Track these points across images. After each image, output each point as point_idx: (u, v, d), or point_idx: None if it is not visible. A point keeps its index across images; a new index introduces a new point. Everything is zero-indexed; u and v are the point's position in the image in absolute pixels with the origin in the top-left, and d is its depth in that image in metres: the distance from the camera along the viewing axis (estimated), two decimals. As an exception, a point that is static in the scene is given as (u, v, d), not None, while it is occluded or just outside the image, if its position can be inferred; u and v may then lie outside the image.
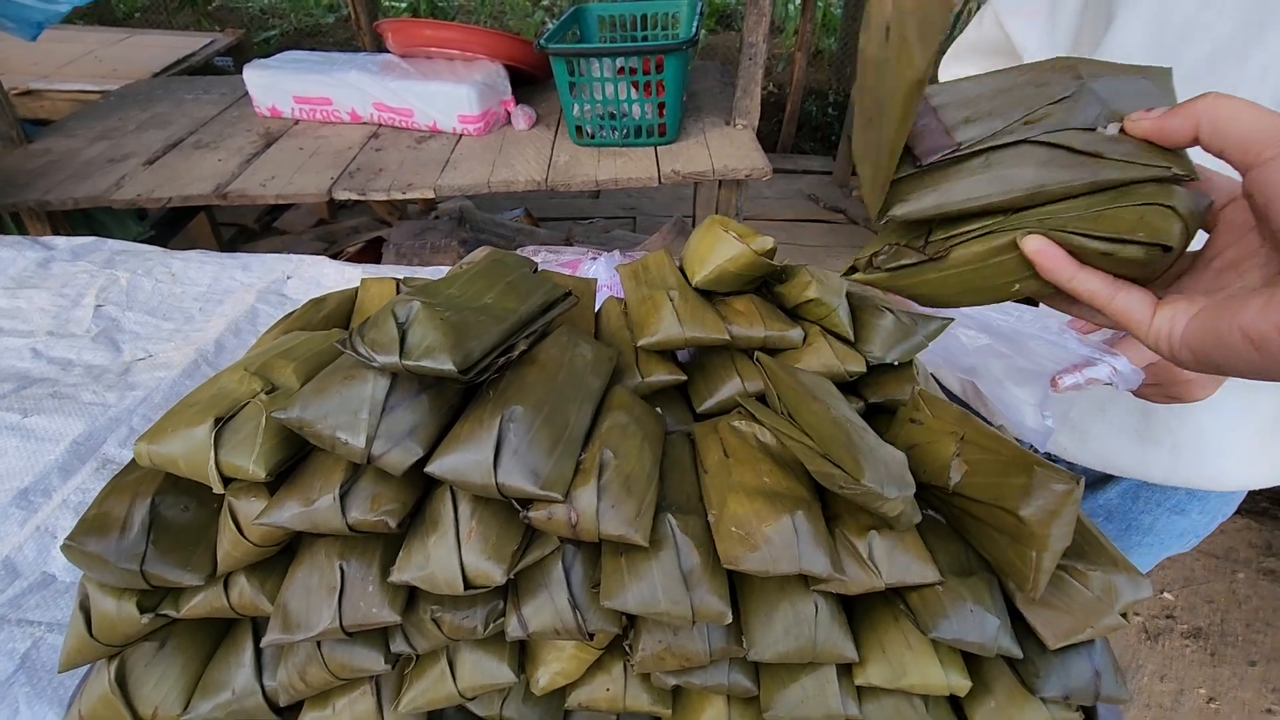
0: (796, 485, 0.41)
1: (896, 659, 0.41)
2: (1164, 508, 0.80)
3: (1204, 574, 2.06)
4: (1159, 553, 0.86)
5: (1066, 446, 0.76)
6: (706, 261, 0.54)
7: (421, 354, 0.35)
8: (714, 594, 0.37)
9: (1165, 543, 0.84)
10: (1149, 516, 0.81)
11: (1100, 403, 0.72)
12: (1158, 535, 0.83)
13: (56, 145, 1.93)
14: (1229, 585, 2.03)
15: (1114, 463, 0.74)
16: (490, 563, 0.36)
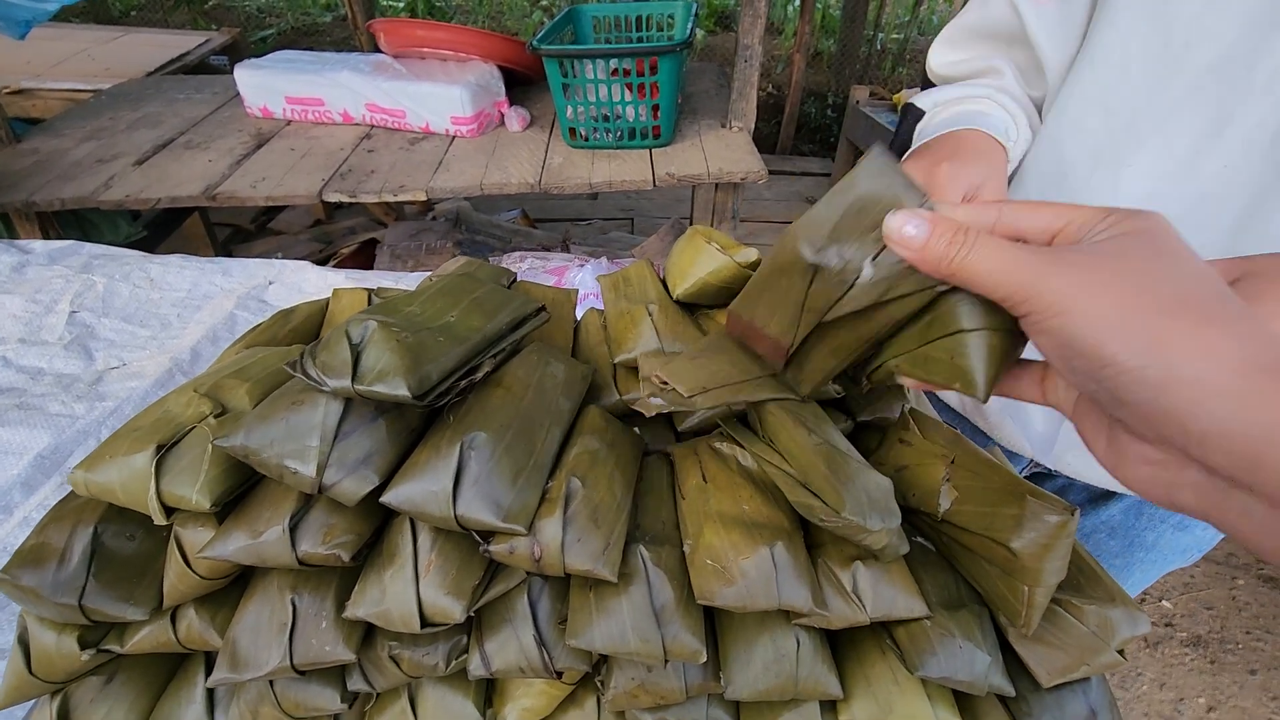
0: (777, 513, 0.39)
1: (884, 695, 0.39)
2: (1167, 524, 0.78)
3: (1204, 580, 2.04)
4: (1162, 568, 0.84)
5: (1070, 462, 0.74)
6: (688, 274, 0.52)
7: (374, 378, 0.32)
8: (688, 631, 0.35)
9: (1168, 558, 0.82)
10: (1152, 533, 0.79)
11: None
12: (1161, 551, 0.81)
13: (45, 145, 1.91)
14: (1229, 592, 2.01)
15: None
16: (449, 598, 0.34)
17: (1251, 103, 0.53)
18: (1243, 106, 0.53)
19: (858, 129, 3.35)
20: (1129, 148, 0.60)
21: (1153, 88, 0.57)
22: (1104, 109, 0.60)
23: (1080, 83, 0.62)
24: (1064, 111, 0.64)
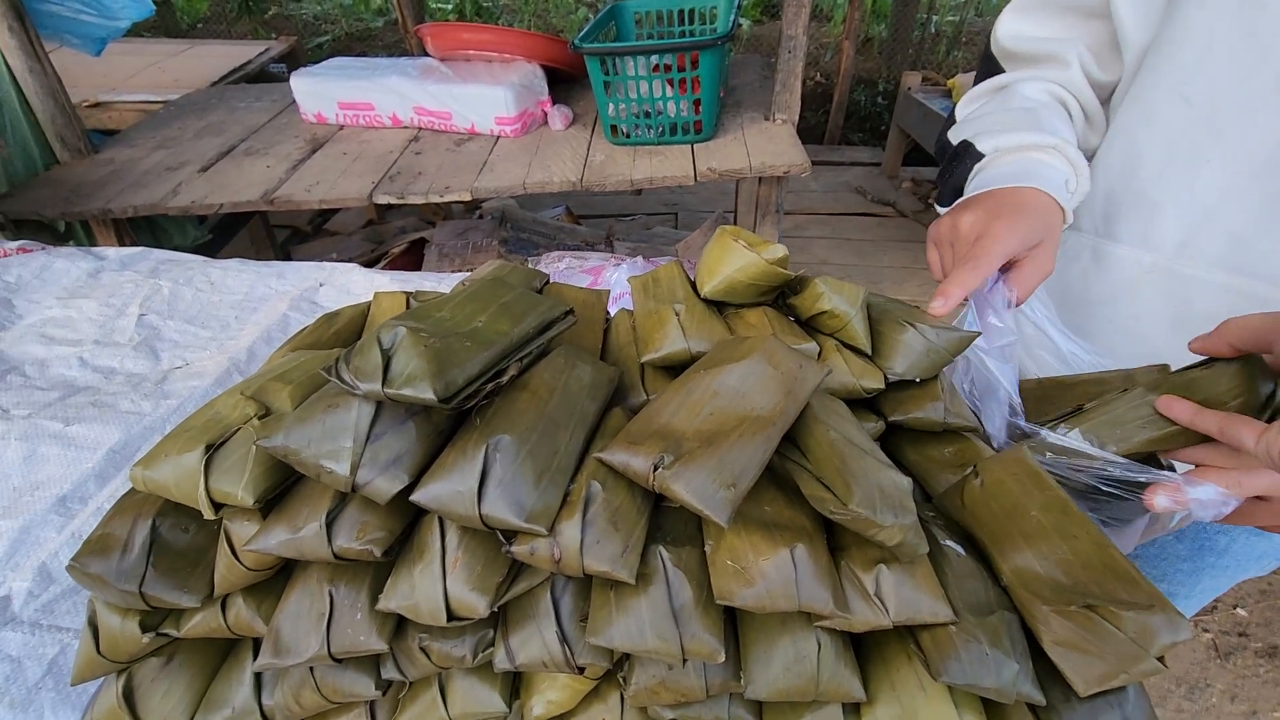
0: (798, 515, 0.39)
1: (908, 700, 0.39)
2: (1240, 527, 0.74)
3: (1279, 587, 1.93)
4: (1235, 575, 0.80)
5: None
6: (716, 272, 0.52)
7: (403, 382, 0.34)
8: (707, 631, 0.36)
9: (1242, 565, 0.78)
10: (1225, 537, 0.75)
11: None
12: (1234, 557, 0.77)
13: (119, 155, 2.02)
14: (1308, 600, 1.89)
15: None
16: (475, 594, 0.35)
17: None
18: None
19: (910, 116, 3.26)
20: (1207, 142, 0.56)
21: (1237, 77, 0.54)
22: (1183, 99, 0.57)
23: (1158, 69, 0.59)
24: (1138, 100, 0.61)
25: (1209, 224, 0.58)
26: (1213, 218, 0.58)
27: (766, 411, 0.39)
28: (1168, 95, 0.58)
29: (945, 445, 0.52)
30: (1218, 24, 0.53)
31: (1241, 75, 0.53)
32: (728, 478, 0.36)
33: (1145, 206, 0.61)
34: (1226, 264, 0.58)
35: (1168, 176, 0.59)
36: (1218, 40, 0.53)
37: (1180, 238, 0.60)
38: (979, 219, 0.56)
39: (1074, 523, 0.42)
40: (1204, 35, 0.54)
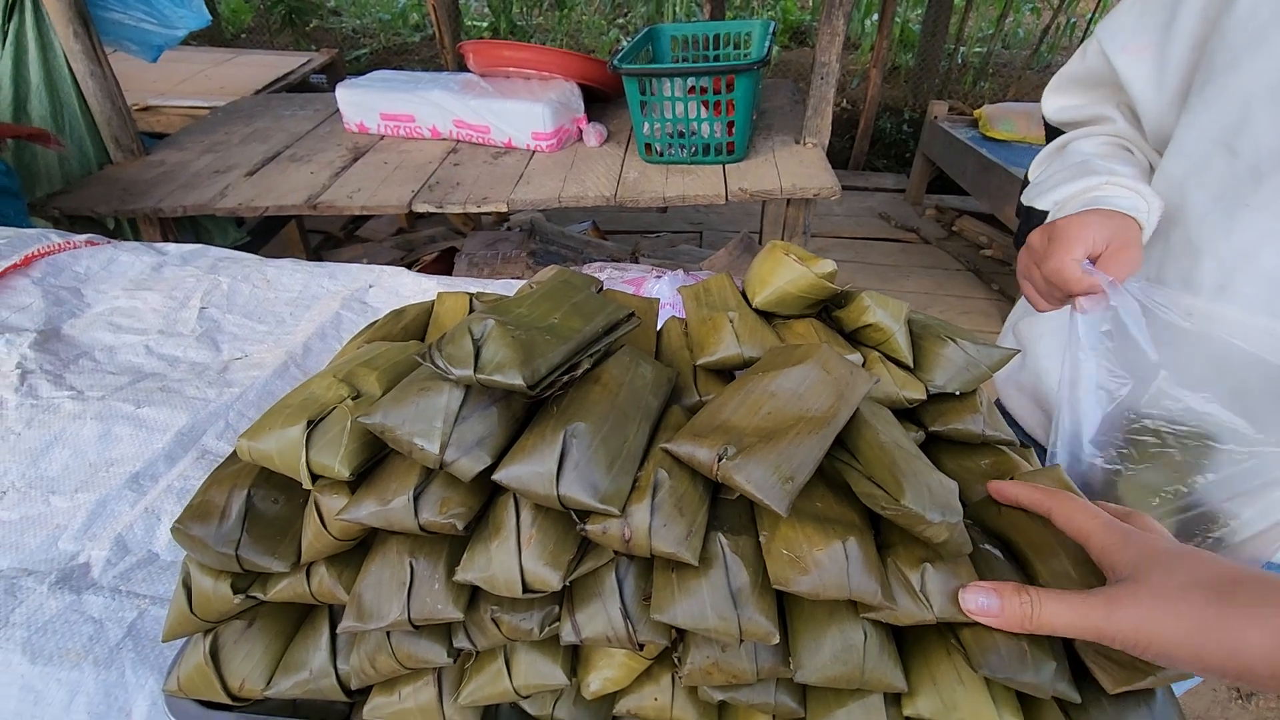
0: (849, 512, 0.42)
1: (948, 692, 0.41)
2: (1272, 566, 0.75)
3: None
4: None
5: None
6: (768, 283, 0.55)
7: (494, 369, 0.37)
8: (762, 614, 0.38)
9: None
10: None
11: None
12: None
13: (170, 157, 2.10)
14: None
15: None
16: (548, 569, 0.38)
17: None
18: None
19: (936, 145, 3.29)
20: (1247, 188, 0.59)
21: (1275, 131, 0.56)
22: (1228, 150, 0.60)
23: (1199, 126, 0.61)
24: (1183, 152, 0.63)
25: (1249, 267, 0.60)
26: (1252, 261, 0.60)
27: (820, 413, 0.42)
28: (1214, 147, 0.60)
29: (983, 457, 0.54)
30: (1253, 82, 0.56)
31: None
32: (786, 471, 0.38)
33: (1190, 253, 0.64)
34: (1267, 308, 0.60)
35: (1210, 221, 0.62)
36: (1254, 98, 0.56)
37: (1220, 280, 0.62)
38: (1048, 229, 0.60)
39: None
40: (1241, 94, 0.57)
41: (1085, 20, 5.29)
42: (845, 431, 0.44)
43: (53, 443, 0.70)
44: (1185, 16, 0.61)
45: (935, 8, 4.18)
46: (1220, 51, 0.58)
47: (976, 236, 3.20)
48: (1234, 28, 0.57)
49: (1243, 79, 0.57)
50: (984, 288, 2.91)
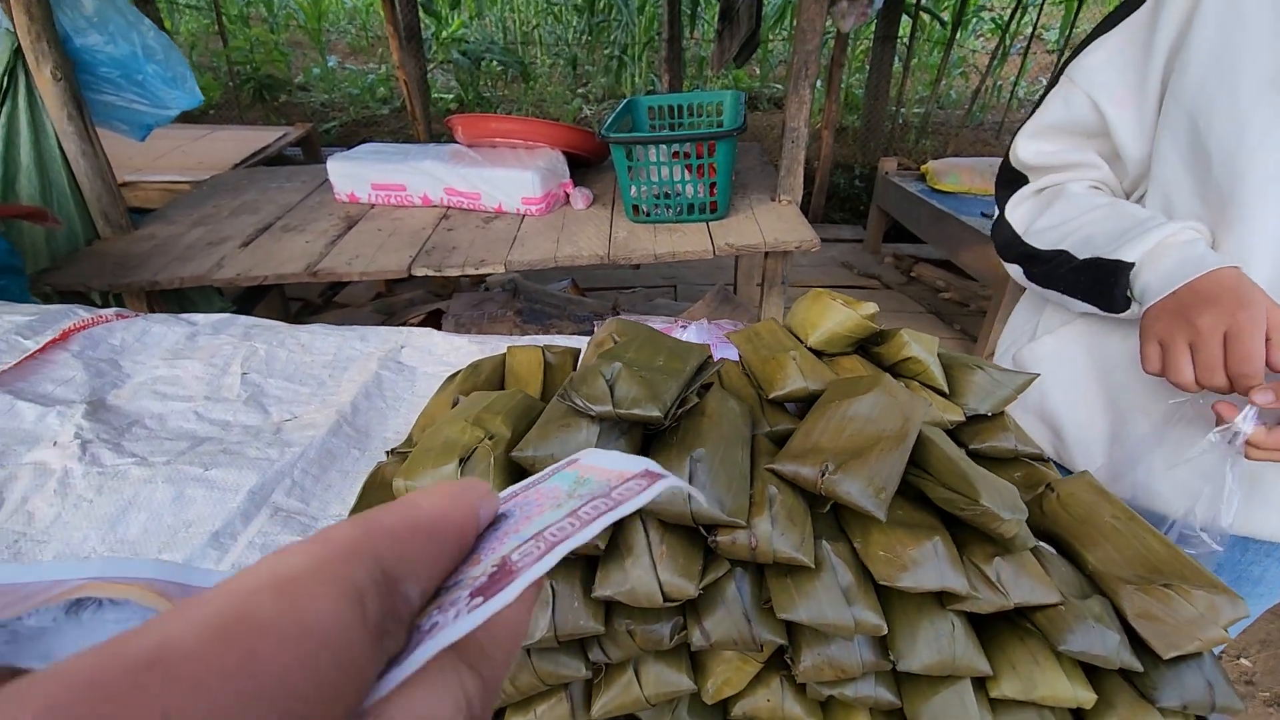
0: (928, 517, 0.48)
1: (1026, 674, 0.46)
2: (1272, 558, 0.83)
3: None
4: (1268, 601, 0.89)
5: (1170, 502, 0.81)
6: (818, 325, 0.62)
7: (631, 404, 0.43)
8: (869, 609, 0.44)
9: (1274, 592, 0.87)
10: (1258, 568, 0.84)
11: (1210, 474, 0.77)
12: (1268, 585, 0.86)
13: (159, 231, 2.12)
14: (1308, 650, 1.96)
15: None
16: (682, 579, 0.43)
17: None
18: None
19: (889, 197, 3.52)
20: (1219, 221, 0.69)
21: (1232, 182, 0.66)
22: (1201, 200, 0.70)
23: (1170, 164, 0.72)
24: (1168, 205, 0.73)
25: None
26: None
27: (894, 432, 0.48)
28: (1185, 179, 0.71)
29: (1015, 470, 0.61)
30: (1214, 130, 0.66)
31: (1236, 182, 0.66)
32: (878, 483, 0.44)
33: None
34: None
35: None
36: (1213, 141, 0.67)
37: None
38: (1218, 315, 0.62)
39: (1141, 527, 0.52)
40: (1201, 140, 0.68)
41: (1010, 84, 5.77)
42: (919, 453, 0.50)
43: (127, 508, 0.71)
44: (1153, 72, 0.72)
45: (876, 74, 4.52)
46: (1172, 108, 0.69)
47: (934, 281, 3.39)
48: (1183, 91, 0.68)
49: (1195, 137, 0.68)
50: (946, 328, 3.07)
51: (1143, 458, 0.83)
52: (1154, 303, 0.67)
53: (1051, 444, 0.93)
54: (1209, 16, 0.66)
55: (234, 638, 0.11)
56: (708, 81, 5.63)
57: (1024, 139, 0.84)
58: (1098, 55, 0.75)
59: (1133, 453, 0.84)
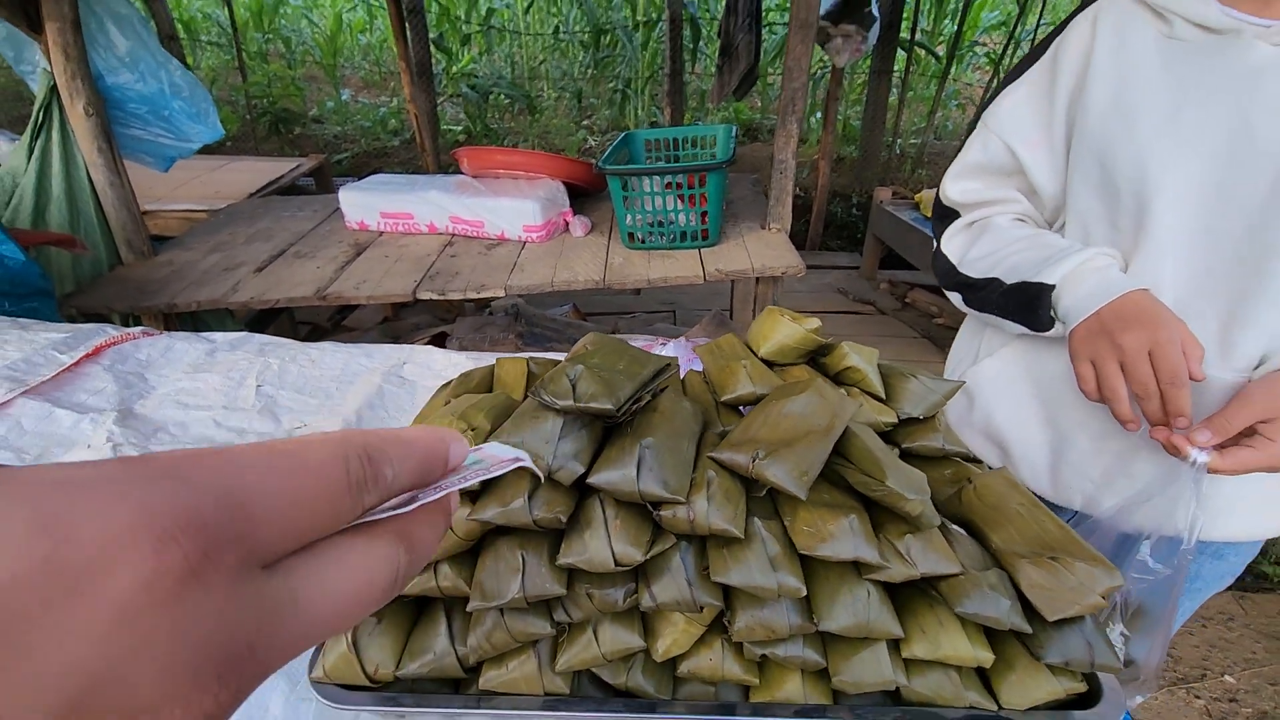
0: (848, 499, 0.55)
1: (933, 636, 0.54)
2: (1205, 554, 0.90)
3: (1266, 656, 2.03)
4: (1204, 594, 0.95)
5: (1103, 502, 0.88)
6: (769, 339, 0.70)
7: (589, 399, 0.51)
8: (792, 575, 0.51)
9: (1209, 584, 0.94)
10: (1194, 565, 0.91)
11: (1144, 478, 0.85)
12: (1203, 580, 0.93)
13: (178, 257, 2.23)
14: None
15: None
16: (632, 548, 0.50)
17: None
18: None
19: (883, 226, 3.62)
20: (1131, 248, 0.78)
21: (1140, 210, 0.75)
22: (1112, 226, 0.79)
23: (1083, 199, 0.81)
24: (1079, 222, 0.82)
25: None
26: None
27: (823, 427, 0.56)
28: (1099, 214, 0.79)
29: (945, 467, 0.69)
30: (1115, 170, 0.76)
31: (1139, 218, 0.75)
32: (802, 468, 0.52)
33: None
34: None
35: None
36: (1120, 179, 0.76)
37: None
38: (1140, 334, 0.69)
39: (1043, 513, 0.59)
40: (1106, 177, 0.77)
41: (1004, 114, 5.89)
42: (841, 444, 0.58)
43: (154, 502, 0.79)
44: (1058, 117, 0.81)
45: (873, 106, 4.66)
46: (1081, 150, 0.78)
47: (928, 307, 3.47)
48: (1087, 133, 0.77)
49: (1105, 174, 0.77)
50: (940, 352, 3.14)
51: (1084, 470, 0.90)
52: (1078, 323, 0.75)
53: (1000, 460, 0.99)
54: (1102, 66, 0.75)
55: (266, 454, 0.18)
56: (709, 114, 5.80)
57: (950, 179, 0.93)
58: (1008, 103, 0.85)
59: (1076, 466, 0.90)
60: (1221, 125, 0.70)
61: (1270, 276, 0.70)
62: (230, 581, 0.15)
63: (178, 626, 0.14)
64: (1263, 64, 0.68)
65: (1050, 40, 0.82)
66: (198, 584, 0.14)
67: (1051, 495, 0.94)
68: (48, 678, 0.12)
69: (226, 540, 0.15)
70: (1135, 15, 0.75)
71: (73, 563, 0.13)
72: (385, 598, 0.20)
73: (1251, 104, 0.68)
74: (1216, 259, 0.73)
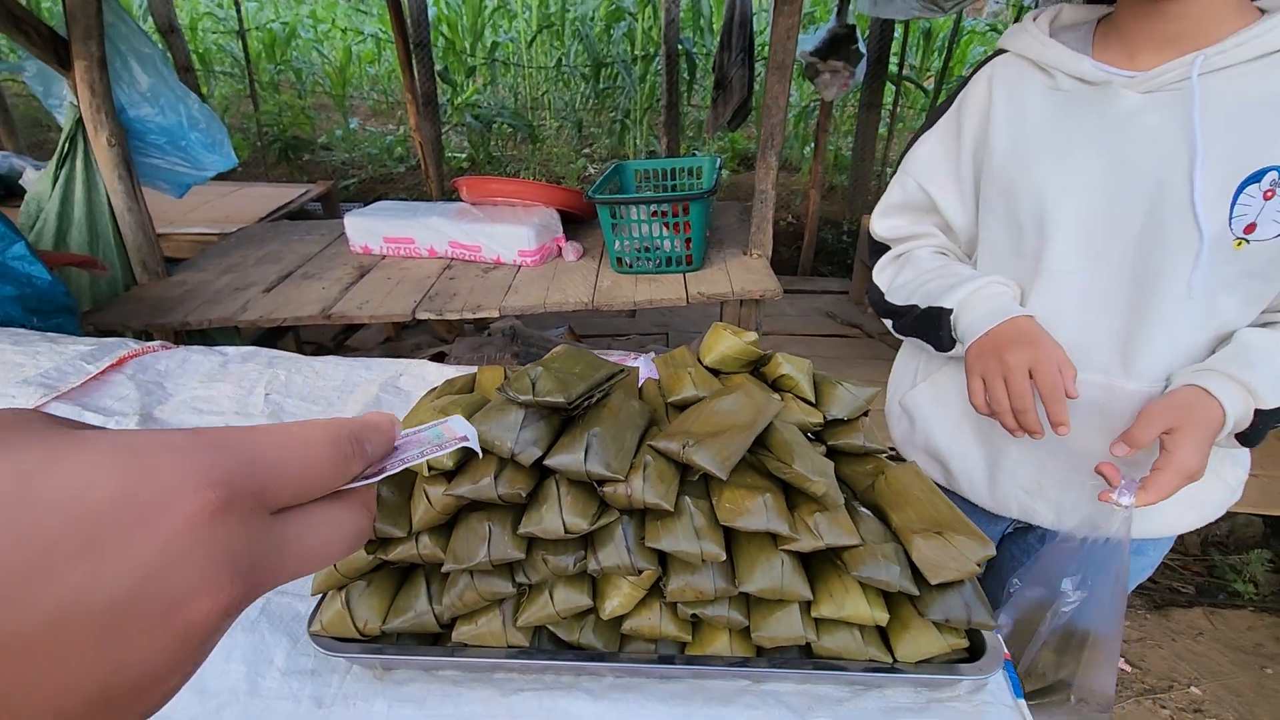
0: (767, 483, 0.65)
1: (839, 599, 0.63)
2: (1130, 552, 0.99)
3: (1231, 668, 2.09)
4: (1128, 587, 1.04)
5: (1046, 515, 0.98)
6: (713, 349, 0.81)
7: (546, 394, 0.61)
8: (714, 544, 0.61)
9: (1133, 579, 1.03)
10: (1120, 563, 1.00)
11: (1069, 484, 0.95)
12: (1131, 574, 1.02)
13: (191, 278, 2.35)
14: (1258, 680, 2.05)
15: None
16: (580, 519, 0.60)
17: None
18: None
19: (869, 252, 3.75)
20: (1032, 278, 0.88)
21: (1040, 240, 0.86)
22: (1016, 255, 0.90)
23: (990, 235, 0.92)
24: (990, 253, 0.94)
25: (1051, 331, 0.87)
26: (1052, 328, 0.85)
27: (746, 422, 0.66)
28: (1005, 249, 0.90)
29: (867, 463, 0.78)
30: (1016, 210, 0.87)
31: (1038, 249, 0.86)
32: (725, 455, 0.62)
33: None
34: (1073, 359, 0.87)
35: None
36: (1024, 218, 0.86)
37: None
38: (1022, 353, 0.79)
39: (938, 498, 0.69)
40: (1010, 217, 0.88)
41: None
42: (766, 437, 0.68)
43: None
44: (964, 162, 0.93)
45: (863, 137, 4.82)
46: (988, 190, 0.89)
47: (912, 330, 3.57)
48: (992, 175, 0.88)
49: (1009, 210, 0.88)
50: (922, 375, 3.24)
51: (1017, 479, 0.98)
52: (972, 342, 0.85)
53: (943, 476, 1.08)
54: (1000, 116, 0.87)
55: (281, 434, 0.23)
56: (705, 143, 5.98)
57: (877, 217, 1.05)
58: (922, 149, 0.96)
59: (1010, 476, 0.99)
60: (1101, 163, 0.81)
61: (1155, 294, 0.81)
62: (247, 519, 0.21)
63: (210, 543, 0.19)
64: (1131, 109, 0.79)
65: (955, 95, 0.94)
66: (226, 517, 0.20)
67: (991, 505, 1.03)
68: (126, 569, 0.18)
69: (248, 491, 0.21)
70: (1025, 71, 0.87)
71: (147, 495, 0.18)
72: (350, 551, 0.25)
73: (1124, 143, 0.80)
74: (1109, 280, 0.84)
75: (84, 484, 0.18)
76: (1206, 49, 0.74)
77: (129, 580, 0.18)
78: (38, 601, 0.17)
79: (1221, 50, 0.74)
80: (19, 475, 0.17)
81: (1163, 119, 0.77)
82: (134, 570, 0.18)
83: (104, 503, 0.18)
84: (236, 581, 0.20)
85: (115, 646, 0.18)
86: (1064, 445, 0.90)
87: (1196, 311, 0.80)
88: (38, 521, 0.17)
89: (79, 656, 0.17)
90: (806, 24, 6.08)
